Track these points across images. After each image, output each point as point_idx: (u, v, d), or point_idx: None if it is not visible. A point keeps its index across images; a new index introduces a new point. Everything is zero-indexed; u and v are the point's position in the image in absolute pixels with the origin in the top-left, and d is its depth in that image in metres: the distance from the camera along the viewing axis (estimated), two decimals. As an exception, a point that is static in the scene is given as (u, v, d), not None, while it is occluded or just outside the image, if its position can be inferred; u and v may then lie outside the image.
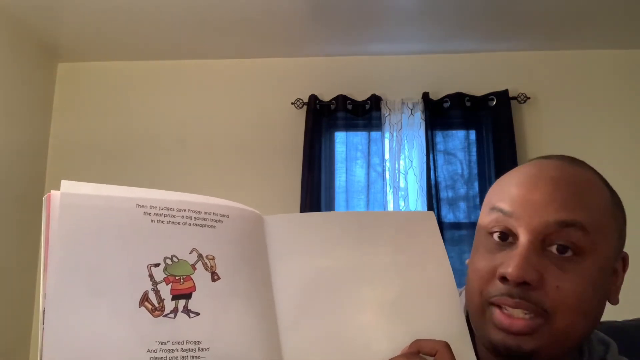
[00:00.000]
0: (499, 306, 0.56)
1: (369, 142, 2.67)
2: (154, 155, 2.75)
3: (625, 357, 0.62)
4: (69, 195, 0.48)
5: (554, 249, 0.55)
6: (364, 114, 2.68)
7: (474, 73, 2.73)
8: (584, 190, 0.57)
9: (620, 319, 0.88)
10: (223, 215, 0.56)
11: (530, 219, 0.55)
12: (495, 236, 0.58)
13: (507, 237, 0.58)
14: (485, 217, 0.61)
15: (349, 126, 2.71)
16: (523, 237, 0.55)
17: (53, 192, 0.48)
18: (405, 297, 0.60)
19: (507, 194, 0.58)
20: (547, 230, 0.55)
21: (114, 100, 2.84)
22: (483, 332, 0.58)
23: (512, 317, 0.55)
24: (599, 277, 0.55)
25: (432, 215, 0.68)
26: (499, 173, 2.50)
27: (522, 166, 0.62)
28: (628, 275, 0.60)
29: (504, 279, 0.55)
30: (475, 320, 0.60)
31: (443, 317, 0.60)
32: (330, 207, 2.63)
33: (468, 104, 2.63)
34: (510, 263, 0.55)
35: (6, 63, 2.45)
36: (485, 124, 2.69)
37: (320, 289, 0.58)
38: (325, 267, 0.59)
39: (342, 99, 2.67)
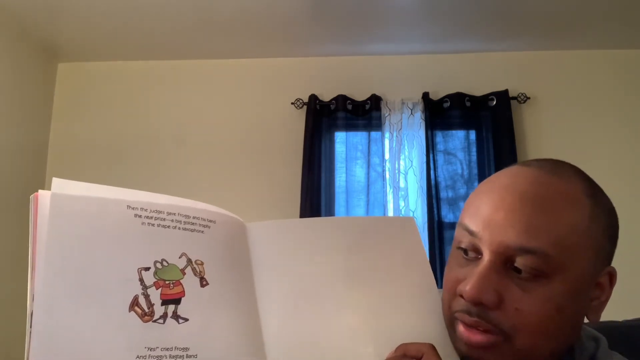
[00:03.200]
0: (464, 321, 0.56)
1: (369, 142, 2.67)
2: (154, 155, 2.75)
3: (626, 357, 0.61)
4: (59, 196, 0.47)
5: (516, 269, 0.53)
6: (364, 114, 2.68)
7: (474, 73, 2.73)
8: (553, 208, 0.53)
9: (620, 319, 0.88)
10: (210, 221, 0.55)
11: (492, 239, 0.54)
12: (462, 251, 0.58)
13: (472, 252, 0.57)
14: (456, 231, 0.60)
15: (349, 126, 2.71)
16: (485, 256, 0.54)
17: (41, 192, 0.47)
18: (388, 301, 0.60)
19: (474, 212, 0.57)
20: (508, 252, 0.53)
21: (114, 100, 2.84)
22: (453, 342, 0.58)
23: (471, 331, 0.55)
24: (568, 297, 0.53)
25: (412, 220, 0.69)
26: (499, 173, 2.52)
27: (498, 175, 0.60)
28: (629, 275, 0.60)
29: (462, 296, 0.55)
30: (448, 331, 0.60)
31: (426, 320, 0.61)
32: (330, 207, 2.63)
33: (468, 104, 2.63)
34: (468, 281, 0.54)
35: (6, 63, 2.45)
36: (485, 124, 2.69)
37: (303, 295, 0.58)
38: (307, 273, 0.59)
39: (342, 99, 2.67)
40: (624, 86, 2.67)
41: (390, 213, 2.57)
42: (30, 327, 0.43)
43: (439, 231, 2.54)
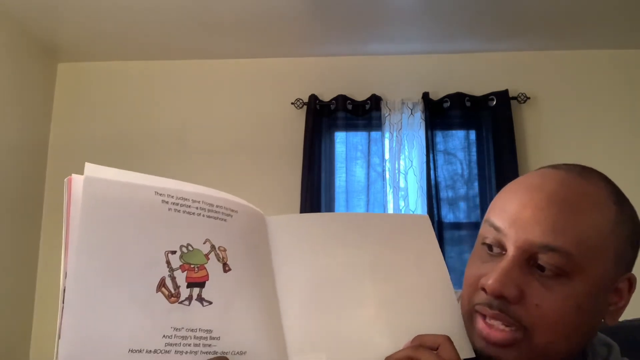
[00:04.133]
0: (483, 315, 0.57)
1: (369, 142, 2.67)
2: (154, 155, 2.75)
3: (627, 357, 0.61)
4: (91, 180, 0.49)
5: (539, 267, 0.55)
6: (364, 114, 2.68)
7: (474, 73, 2.73)
8: (579, 209, 0.55)
9: (620, 319, 0.88)
10: (233, 210, 0.57)
11: (517, 236, 0.55)
12: (486, 247, 0.59)
13: (497, 248, 0.58)
14: (482, 227, 0.62)
15: (349, 126, 2.71)
16: (510, 252, 0.56)
17: (74, 176, 0.49)
18: (404, 294, 0.62)
19: (502, 209, 0.59)
20: (532, 249, 0.54)
21: (113, 100, 2.84)
22: (470, 338, 0.59)
23: (491, 327, 0.56)
24: (587, 298, 0.54)
25: (427, 218, 0.71)
26: (499, 173, 2.53)
27: (527, 175, 0.61)
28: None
29: (484, 289, 0.56)
30: (465, 325, 0.61)
31: (441, 314, 0.62)
32: (330, 207, 2.63)
33: (468, 104, 2.63)
34: (491, 275, 0.55)
35: (6, 63, 2.45)
36: (485, 124, 2.69)
37: (322, 286, 0.59)
38: (326, 265, 0.61)
39: (342, 99, 2.67)
40: (624, 86, 2.67)
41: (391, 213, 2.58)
42: (63, 302, 0.44)
43: (439, 231, 2.54)
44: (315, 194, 2.59)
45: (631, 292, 0.59)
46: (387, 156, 2.64)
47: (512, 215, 0.57)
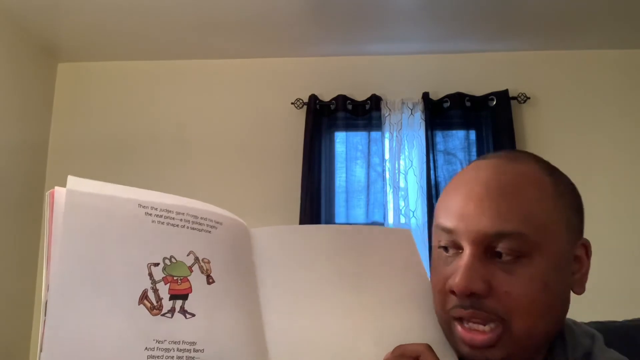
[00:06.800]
0: (460, 320, 0.57)
1: (369, 142, 2.67)
2: (154, 156, 2.75)
3: (626, 357, 0.61)
4: (74, 193, 0.49)
5: (498, 255, 0.55)
6: (364, 114, 2.68)
7: (474, 73, 2.73)
8: (518, 190, 0.56)
9: (620, 319, 0.88)
10: (217, 222, 0.57)
11: (468, 232, 0.56)
12: (443, 249, 0.59)
13: (453, 249, 0.58)
14: (433, 235, 0.62)
15: (349, 126, 2.71)
16: (466, 249, 0.56)
17: (57, 188, 0.49)
18: (387, 304, 0.62)
19: (446, 209, 0.59)
20: (486, 240, 0.55)
21: (114, 100, 2.84)
22: (453, 345, 0.59)
23: (472, 331, 0.56)
24: (551, 273, 0.55)
25: (409, 232, 0.72)
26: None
27: (462, 172, 0.62)
28: (629, 276, 0.60)
29: (453, 291, 0.56)
30: (445, 334, 0.61)
31: (423, 321, 0.62)
32: (330, 207, 2.63)
33: (468, 104, 2.63)
34: (456, 275, 0.55)
35: (6, 63, 2.45)
36: (485, 124, 2.69)
37: (304, 297, 0.60)
38: (309, 277, 0.61)
39: (342, 99, 2.67)
40: (624, 86, 2.67)
41: (390, 213, 2.58)
42: (45, 315, 0.44)
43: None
44: (315, 193, 2.59)
45: (589, 257, 0.60)
46: (387, 156, 2.64)
47: (457, 212, 0.57)
